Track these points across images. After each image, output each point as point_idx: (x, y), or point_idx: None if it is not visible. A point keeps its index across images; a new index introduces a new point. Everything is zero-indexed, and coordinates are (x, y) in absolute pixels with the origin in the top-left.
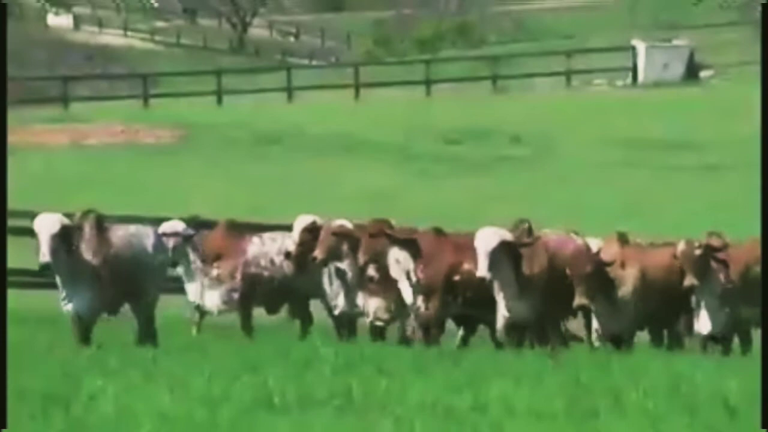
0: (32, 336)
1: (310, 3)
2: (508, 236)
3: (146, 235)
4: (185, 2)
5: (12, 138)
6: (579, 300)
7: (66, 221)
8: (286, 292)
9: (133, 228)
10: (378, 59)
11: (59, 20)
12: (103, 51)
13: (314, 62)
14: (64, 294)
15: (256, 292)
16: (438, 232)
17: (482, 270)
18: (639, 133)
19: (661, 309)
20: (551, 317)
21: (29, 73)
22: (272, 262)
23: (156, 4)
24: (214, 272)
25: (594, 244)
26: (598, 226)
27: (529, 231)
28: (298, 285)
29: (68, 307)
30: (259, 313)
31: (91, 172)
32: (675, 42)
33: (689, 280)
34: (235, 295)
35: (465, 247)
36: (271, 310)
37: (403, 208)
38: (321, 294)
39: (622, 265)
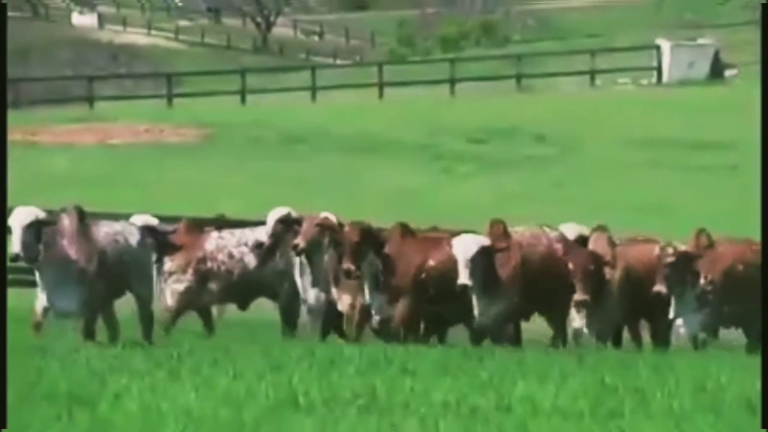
0: (57, 336)
1: (335, 2)
2: (486, 242)
3: (131, 232)
4: (209, 1)
5: (37, 137)
6: (580, 296)
7: (41, 215)
8: (249, 286)
9: (118, 225)
10: (402, 58)
11: (84, 19)
12: (128, 50)
13: (338, 61)
14: (42, 291)
15: (207, 287)
16: (404, 231)
17: (463, 278)
18: (664, 133)
19: (643, 306)
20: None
21: (54, 73)
22: (230, 255)
23: (180, 4)
24: (166, 267)
25: (571, 230)
26: (623, 225)
27: (505, 232)
28: (262, 279)
29: (40, 304)
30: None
31: (116, 172)
32: (700, 41)
33: (658, 287)
34: (181, 286)
35: (432, 245)
36: (240, 305)
37: (428, 207)
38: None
39: (612, 262)
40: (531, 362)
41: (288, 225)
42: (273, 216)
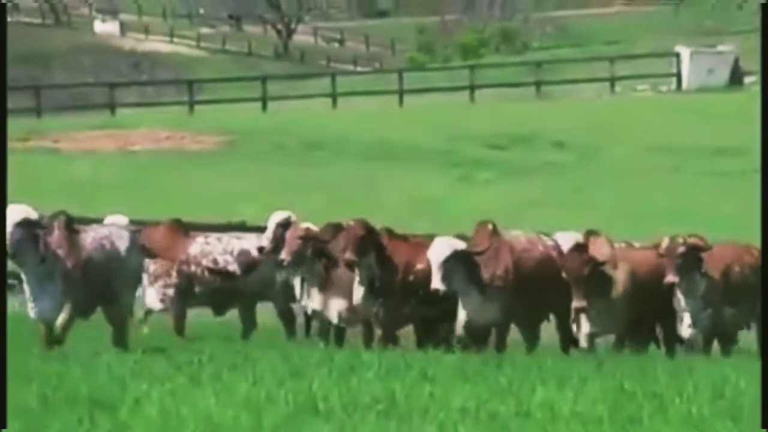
0: (78, 341)
1: (355, 9)
2: (461, 246)
3: (120, 238)
4: (231, 9)
5: (59, 144)
6: (578, 303)
7: (33, 214)
8: (231, 293)
9: (106, 230)
10: (422, 65)
11: (106, 27)
12: (150, 57)
13: (358, 68)
14: (30, 297)
15: (193, 291)
16: (391, 234)
17: (435, 282)
18: (683, 139)
19: (649, 309)
20: (526, 320)
21: (77, 80)
22: (215, 261)
23: (202, 11)
24: (151, 269)
25: (570, 238)
26: (643, 231)
27: (494, 233)
28: (246, 286)
29: (34, 312)
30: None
31: (137, 178)
32: (719, 48)
33: (670, 278)
34: (170, 291)
35: (420, 248)
36: (217, 311)
37: (447, 213)
38: (272, 296)
39: (613, 266)
40: (550, 368)
41: (288, 228)
42: (273, 220)
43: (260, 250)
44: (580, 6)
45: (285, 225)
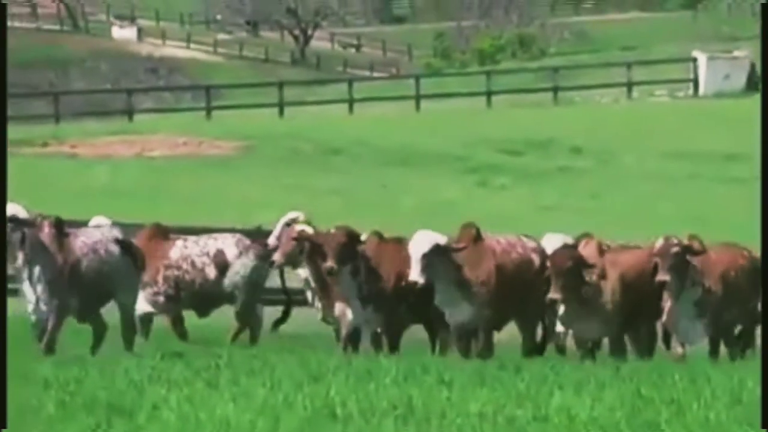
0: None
1: (372, 15)
2: (442, 240)
3: (113, 241)
4: (248, 15)
5: (78, 149)
6: (553, 293)
7: (22, 213)
8: (209, 295)
9: (98, 233)
10: (439, 71)
11: (124, 33)
12: (167, 63)
13: (375, 74)
14: (30, 299)
15: (181, 294)
16: (381, 238)
17: (414, 274)
18: (700, 145)
19: (638, 313)
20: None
21: (95, 85)
22: (193, 264)
23: (219, 17)
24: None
25: (558, 240)
26: (659, 236)
27: (477, 236)
28: (221, 288)
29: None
30: (320, 325)
31: (154, 184)
32: (736, 53)
33: (661, 276)
34: (160, 298)
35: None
36: (200, 313)
37: (464, 219)
38: (236, 296)
39: (602, 275)
40: (567, 373)
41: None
42: (282, 220)
43: (266, 248)
44: (596, 12)
45: (291, 225)
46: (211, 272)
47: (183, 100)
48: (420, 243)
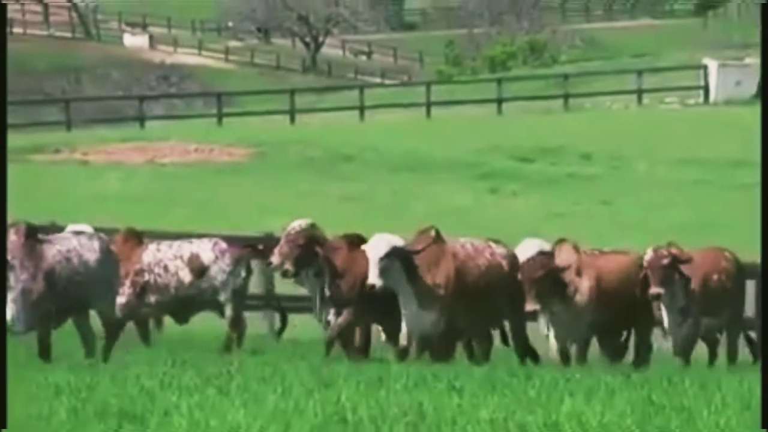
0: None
1: (383, 22)
2: (400, 243)
3: (90, 249)
4: (259, 22)
5: (89, 156)
6: (529, 305)
7: None
8: (186, 300)
9: (75, 241)
10: (450, 78)
11: (135, 40)
12: (178, 70)
13: (386, 81)
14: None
15: (147, 299)
16: (351, 243)
17: (372, 277)
18: (710, 152)
19: (616, 317)
20: (474, 327)
21: (106, 93)
22: (166, 268)
23: (230, 24)
24: None
25: (534, 245)
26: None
27: (437, 239)
28: (197, 292)
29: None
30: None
31: (166, 190)
32: (747, 60)
33: (654, 290)
34: (124, 301)
35: None
36: (178, 319)
37: (475, 226)
38: (223, 303)
39: (578, 273)
40: (578, 380)
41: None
42: (289, 227)
43: (244, 251)
44: (607, 19)
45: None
46: (186, 276)
47: (194, 107)
48: (378, 246)
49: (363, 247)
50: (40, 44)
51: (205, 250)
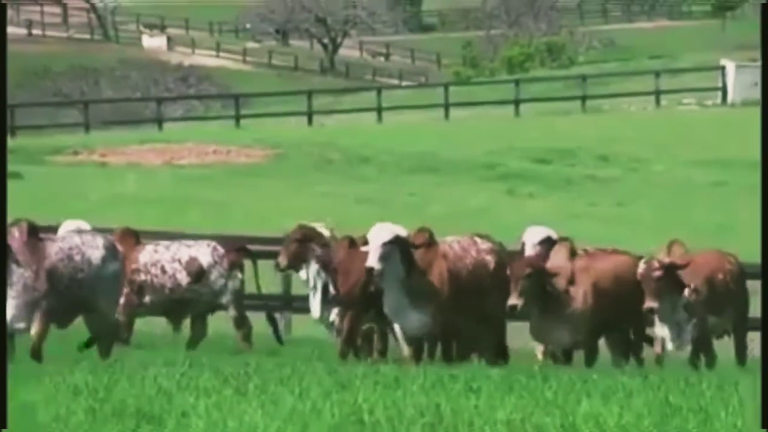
0: (126, 353)
1: (401, 24)
2: (403, 232)
3: (93, 246)
4: (277, 23)
5: (107, 158)
6: (512, 300)
7: None
8: (181, 302)
9: (77, 239)
10: (467, 79)
11: (153, 42)
12: (196, 72)
13: (404, 82)
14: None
15: (144, 299)
16: (352, 243)
17: (372, 260)
18: (728, 153)
19: (614, 318)
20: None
21: (125, 94)
22: (163, 269)
23: (248, 26)
24: None
25: (538, 233)
26: (689, 246)
27: (431, 239)
28: (195, 295)
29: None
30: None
31: (183, 192)
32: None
33: (648, 304)
34: (121, 300)
35: None
36: (172, 320)
37: (492, 227)
38: (225, 304)
39: (572, 277)
40: (595, 381)
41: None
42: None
43: (241, 254)
44: (625, 21)
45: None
46: (183, 278)
47: (212, 109)
48: (381, 232)
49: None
50: (59, 46)
51: (204, 254)
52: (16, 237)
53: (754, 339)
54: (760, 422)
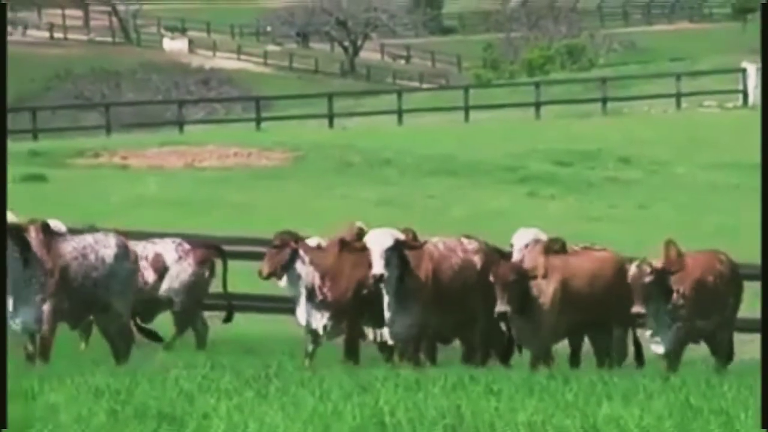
0: (148, 355)
1: (421, 27)
2: (402, 237)
3: (106, 245)
4: (298, 26)
5: (128, 160)
6: (500, 307)
7: (13, 219)
8: (150, 300)
9: (90, 238)
10: (488, 82)
11: (174, 44)
12: (217, 74)
13: (425, 85)
14: (10, 307)
15: None
16: (343, 245)
17: (378, 268)
18: (750, 156)
19: (591, 317)
20: (447, 329)
21: (146, 97)
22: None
23: (269, 29)
24: None
25: (527, 236)
26: (707, 247)
27: (414, 238)
28: (161, 294)
29: (16, 323)
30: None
31: (205, 194)
32: None
33: (636, 308)
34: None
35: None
36: (143, 319)
37: (513, 229)
38: (176, 303)
39: (543, 276)
40: (616, 383)
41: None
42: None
43: (209, 252)
44: (645, 23)
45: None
46: (150, 276)
47: (233, 112)
48: (382, 238)
49: (359, 244)
50: (81, 49)
51: (168, 250)
52: (32, 236)
53: (754, 339)
54: (761, 422)
